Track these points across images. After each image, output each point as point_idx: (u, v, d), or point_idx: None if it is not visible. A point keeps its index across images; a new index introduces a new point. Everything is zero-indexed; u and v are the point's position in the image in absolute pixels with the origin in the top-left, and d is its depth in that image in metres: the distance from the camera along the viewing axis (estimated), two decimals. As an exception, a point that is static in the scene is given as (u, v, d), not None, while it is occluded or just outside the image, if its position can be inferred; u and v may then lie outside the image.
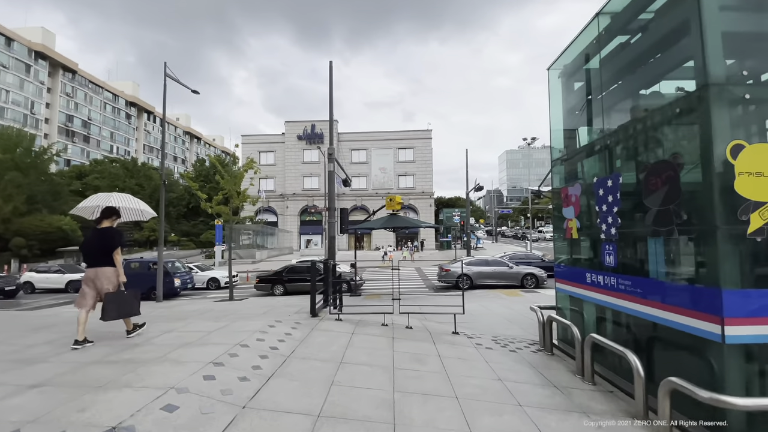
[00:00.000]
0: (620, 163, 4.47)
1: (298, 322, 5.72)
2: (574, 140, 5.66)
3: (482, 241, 47.91)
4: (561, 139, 5.92)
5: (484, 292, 13.84)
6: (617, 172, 4.35)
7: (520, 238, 68.54)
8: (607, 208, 4.48)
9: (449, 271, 16.11)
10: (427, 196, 48.06)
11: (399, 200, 11.98)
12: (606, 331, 4.74)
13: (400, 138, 49.44)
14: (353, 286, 14.89)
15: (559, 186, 5.93)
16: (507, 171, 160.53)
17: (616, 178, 4.33)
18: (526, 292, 13.56)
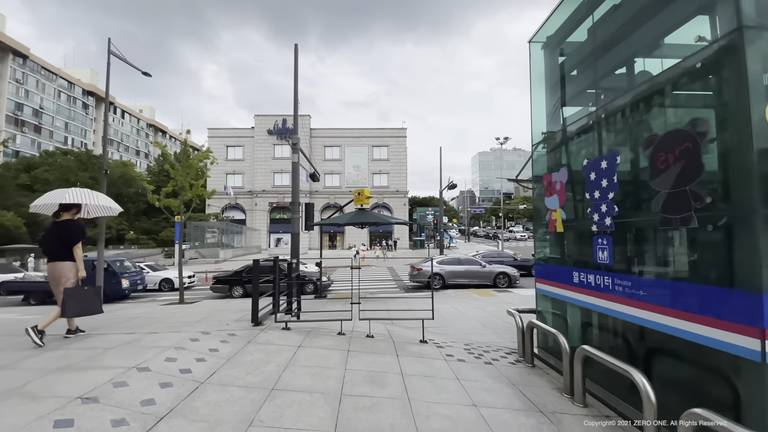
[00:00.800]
0: (616, 141, 3.76)
1: (232, 334, 4.70)
2: (559, 120, 4.94)
3: (455, 241, 47.82)
4: (543, 120, 5.19)
5: (457, 292, 13.18)
6: (614, 150, 3.63)
7: (491, 237, 69.31)
8: (600, 194, 3.76)
9: (421, 270, 15.37)
10: (401, 195, 47.42)
11: (368, 195, 11.09)
12: (596, 340, 4.02)
13: (375, 136, 48.58)
14: (319, 287, 13.88)
15: (540, 173, 5.20)
16: (479, 172, 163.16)
17: (613, 157, 3.61)
18: (499, 292, 12.99)
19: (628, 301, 3.36)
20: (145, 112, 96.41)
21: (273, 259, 6.34)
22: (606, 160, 3.70)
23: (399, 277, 19.41)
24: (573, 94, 4.71)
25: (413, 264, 16.16)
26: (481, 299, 11.39)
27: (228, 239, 40.25)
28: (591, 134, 4.11)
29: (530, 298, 11.41)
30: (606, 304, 3.68)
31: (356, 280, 18.16)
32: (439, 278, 15.19)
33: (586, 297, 4.01)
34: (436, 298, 12.03)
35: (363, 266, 25.56)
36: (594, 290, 3.86)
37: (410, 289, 15.53)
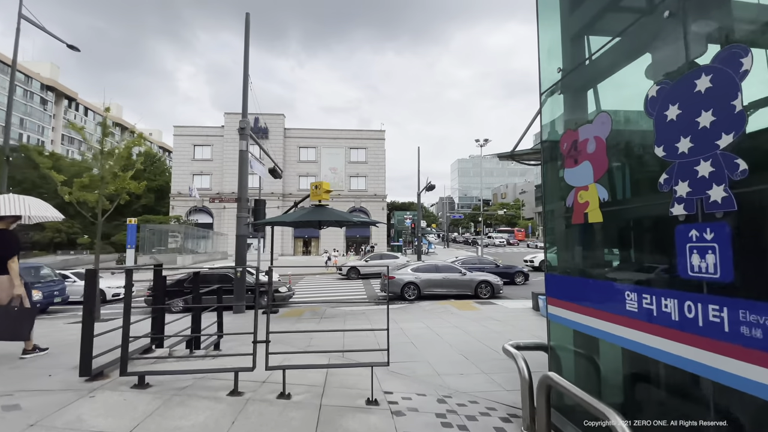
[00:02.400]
0: (738, 33, 1.92)
1: (14, 405, 2.59)
2: (584, 47, 3.12)
3: (434, 246, 46.24)
4: (558, 50, 3.37)
5: (433, 304, 11.29)
6: (735, 48, 1.79)
7: (470, 243, 68.31)
8: (697, 143, 1.92)
9: (393, 278, 13.47)
10: (379, 199, 45.58)
11: (327, 188, 9.11)
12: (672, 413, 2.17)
13: (353, 137, 46.70)
14: (268, 300, 11.76)
15: (555, 136, 3.37)
16: (459, 179, 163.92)
17: (732, 62, 1.77)
18: (481, 304, 11.18)
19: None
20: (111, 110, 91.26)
21: (156, 266, 4.25)
22: (711, 73, 1.86)
23: (372, 284, 17.42)
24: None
25: (384, 272, 14.22)
26: (460, 314, 9.53)
27: (193, 245, 37.29)
28: (666, 31, 2.26)
29: (521, 314, 9.30)
30: (712, 360, 1.82)
31: (323, 290, 16.02)
32: (413, 288, 13.34)
33: (656, 340, 2.15)
34: (406, 313, 10.05)
35: (336, 270, 23.45)
36: (678, 329, 2.01)
37: (381, 299, 13.55)
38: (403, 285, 13.32)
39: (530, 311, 9.99)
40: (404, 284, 13.33)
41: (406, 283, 13.34)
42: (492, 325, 7.97)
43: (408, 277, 13.53)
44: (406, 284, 13.33)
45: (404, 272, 13.82)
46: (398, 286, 13.35)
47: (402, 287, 13.31)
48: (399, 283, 13.40)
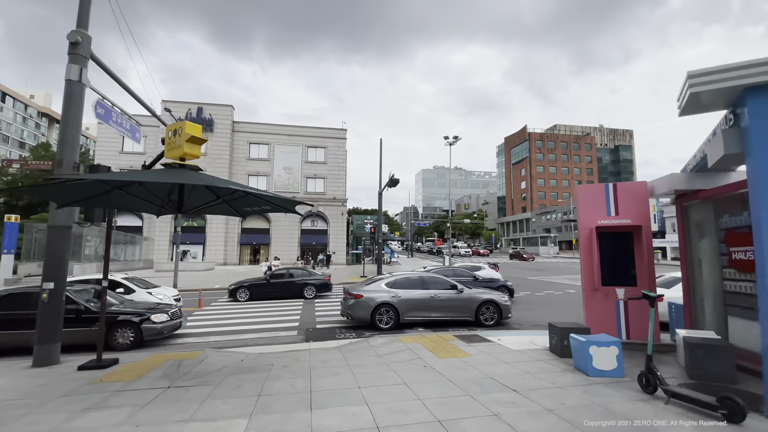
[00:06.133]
0: None
1: None
2: None
3: (397, 255, 42.46)
4: None
5: (398, 342, 7.30)
6: None
7: (435, 253, 65.52)
8: None
9: (361, 297, 9.44)
10: (338, 203, 41.30)
11: (195, 132, 4.91)
12: None
13: (311, 135, 42.30)
14: (140, 333, 7.40)
15: None
16: (423, 189, 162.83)
17: None
18: (467, 343, 7.33)
19: None
20: (38, 98, 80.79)
21: None
22: None
23: (315, 304, 13.18)
24: None
25: (348, 288, 10.11)
26: (436, 369, 5.60)
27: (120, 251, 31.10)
28: None
29: (537, 367, 4.20)
30: None
31: (239, 314, 11.60)
32: (389, 311, 9.37)
33: None
34: (338, 370, 5.02)
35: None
36: None
37: (341, 331, 9.33)
38: (374, 307, 9.28)
39: (547, 355, 6.27)
40: (376, 306, 9.29)
41: (378, 304, 9.29)
42: (503, 408, 4.10)
43: (381, 296, 9.45)
44: (379, 306, 9.30)
45: (376, 289, 9.70)
46: (367, 310, 9.29)
47: (373, 311, 9.27)
48: (368, 304, 9.32)
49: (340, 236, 40.59)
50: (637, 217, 7.10)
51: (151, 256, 35.60)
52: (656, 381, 4.19)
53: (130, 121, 9.38)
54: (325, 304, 13.49)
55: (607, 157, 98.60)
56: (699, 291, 6.56)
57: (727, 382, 4.60)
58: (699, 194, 6.42)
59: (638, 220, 7.08)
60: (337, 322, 10.17)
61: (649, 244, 7.08)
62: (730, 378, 4.61)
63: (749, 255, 5.25)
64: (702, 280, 6.50)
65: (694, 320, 6.57)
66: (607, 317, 6.99)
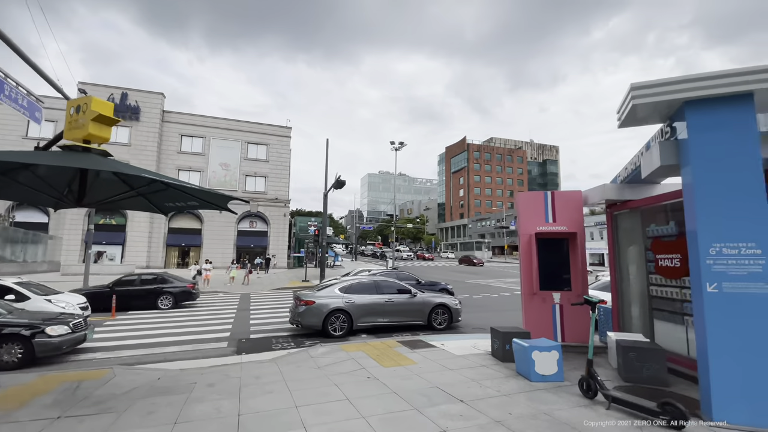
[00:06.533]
0: None
1: None
2: None
3: (341, 258, 41.77)
4: None
5: (340, 350, 6.84)
6: None
7: (379, 257, 65.80)
8: None
9: (313, 304, 8.89)
10: (280, 204, 39.59)
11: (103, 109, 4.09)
12: None
13: (252, 131, 40.12)
14: (32, 348, 6.18)
15: None
16: (368, 193, 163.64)
17: None
18: (411, 349, 7.11)
19: None
20: None
21: None
22: None
23: (250, 311, 12.20)
24: None
25: (299, 295, 9.41)
26: (380, 380, 5.26)
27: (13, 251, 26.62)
28: None
29: (482, 372, 3.92)
30: None
31: (164, 324, 10.51)
32: (342, 317, 8.96)
33: None
34: (268, 386, 4.47)
35: (206, 291, 17.37)
36: None
37: (284, 340, 8.55)
38: (326, 314, 8.80)
39: (489, 360, 6.23)
40: (328, 313, 8.82)
41: (331, 310, 8.85)
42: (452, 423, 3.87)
43: (335, 301, 9.02)
44: (332, 313, 8.85)
45: (329, 294, 9.23)
46: (319, 316, 8.77)
47: (325, 317, 8.77)
48: (321, 311, 8.81)
49: (282, 238, 38.92)
50: (573, 224, 7.41)
51: (58, 258, 31.21)
52: (597, 386, 4.24)
53: (29, 98, 7.93)
54: (261, 312, 12.56)
55: (536, 169, 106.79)
56: (627, 295, 6.98)
57: (660, 384, 4.83)
58: (628, 204, 6.84)
59: (574, 227, 7.38)
60: (275, 331, 9.43)
61: (583, 250, 7.42)
62: (662, 380, 4.85)
63: (675, 262, 5.63)
64: (630, 285, 6.92)
65: (622, 323, 6.96)
66: (544, 321, 7.18)
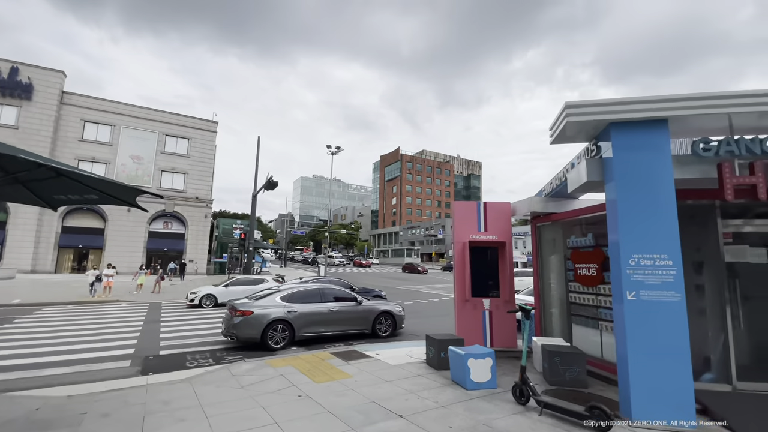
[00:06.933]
0: None
1: None
2: None
3: (269, 264, 39.72)
4: None
5: (275, 372, 6.25)
6: None
7: (310, 263, 64.12)
8: None
9: (251, 314, 8.09)
10: (202, 204, 36.48)
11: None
12: None
13: (172, 122, 36.55)
14: None
15: None
16: (301, 197, 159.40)
17: None
18: (345, 362, 6.78)
19: None
20: None
21: None
22: None
23: (160, 323, 10.78)
24: None
25: (234, 304, 8.55)
26: (311, 397, 4.87)
27: None
28: None
29: (418, 383, 3.72)
30: None
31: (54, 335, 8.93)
32: (283, 328, 8.33)
33: None
34: (188, 413, 3.78)
35: (107, 300, 15.09)
36: None
37: (173, 359, 7.49)
38: (266, 325, 8.10)
39: (425, 368, 6.16)
40: (268, 323, 8.13)
41: (271, 321, 8.18)
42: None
43: (275, 311, 8.37)
44: (272, 323, 8.18)
45: (269, 303, 8.55)
46: (258, 327, 8.04)
47: (264, 329, 8.07)
48: (260, 321, 8.08)
49: (202, 242, 35.83)
50: (503, 234, 7.75)
51: None
52: (530, 392, 4.34)
53: None
54: (174, 324, 11.21)
55: (461, 183, 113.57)
56: (548, 301, 7.45)
57: (580, 386, 5.13)
58: (551, 217, 7.34)
59: (503, 237, 7.72)
60: (192, 345, 8.40)
61: (511, 258, 7.79)
62: (583, 382, 5.16)
63: (591, 271, 6.11)
64: (551, 292, 7.41)
65: (544, 327, 7.41)
66: (475, 327, 7.36)
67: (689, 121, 4.35)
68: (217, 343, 8.54)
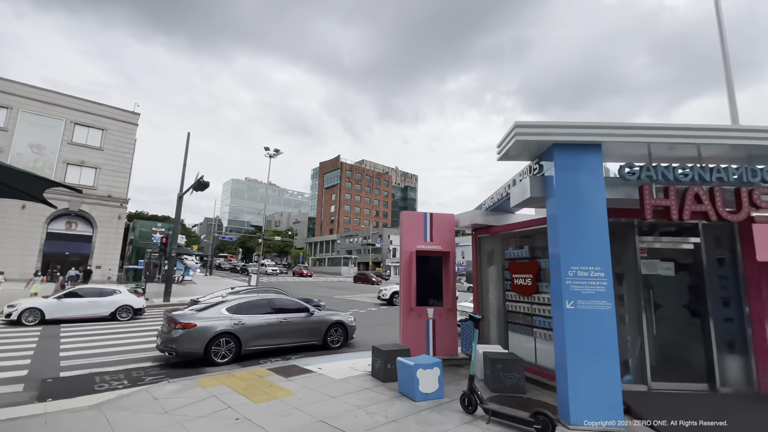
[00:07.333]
0: None
1: None
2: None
3: (192, 272, 36.55)
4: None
5: (206, 393, 5.61)
6: None
7: (239, 271, 60.54)
8: None
9: (193, 327, 7.36)
10: (115, 203, 32.60)
11: None
12: None
13: (83, 110, 32.35)
14: None
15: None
16: (231, 200, 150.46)
17: None
18: (285, 378, 6.38)
19: None
20: None
21: None
22: None
23: (60, 338, 9.20)
24: None
25: (173, 316, 7.66)
26: (261, 428, 4.47)
27: None
28: None
29: (366, 398, 3.84)
30: None
31: None
32: (229, 341, 7.72)
33: None
34: None
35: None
36: None
37: (78, 382, 6.38)
38: (210, 338, 7.45)
39: (371, 381, 6.02)
40: (213, 336, 7.47)
41: (217, 334, 7.53)
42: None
43: (221, 323, 7.77)
44: (218, 337, 7.54)
45: (214, 315, 7.89)
46: (201, 341, 7.34)
47: (208, 342, 7.39)
48: (203, 335, 7.39)
49: (113, 246, 31.91)
50: (447, 244, 7.96)
51: None
52: (477, 401, 4.42)
53: None
54: (78, 340, 9.71)
55: (399, 194, 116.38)
56: (487, 309, 7.78)
57: (519, 392, 5.37)
58: (491, 229, 7.73)
59: (447, 247, 7.93)
60: (100, 365, 7.29)
61: (454, 268, 8.03)
62: (522, 388, 5.41)
63: (527, 281, 6.50)
64: (489, 300, 7.75)
65: (482, 335, 7.70)
66: (419, 335, 7.41)
67: (617, 147, 4.85)
68: (133, 361, 7.52)
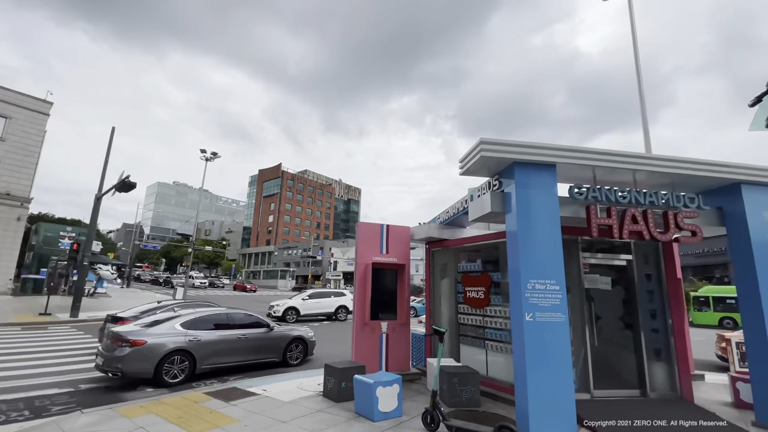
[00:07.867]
0: None
1: None
2: None
3: (107, 284, 32.45)
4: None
5: (132, 424, 4.82)
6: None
7: (162, 283, 55.38)
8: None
9: (143, 344, 6.64)
10: (14, 203, 28.08)
11: None
12: None
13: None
14: None
15: None
16: (155, 205, 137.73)
17: None
18: (226, 403, 5.77)
19: None
20: None
21: None
22: None
23: None
24: None
25: (119, 331, 6.85)
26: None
27: None
28: None
29: (319, 422, 3.63)
30: None
31: None
32: (183, 359, 7.12)
33: None
34: None
35: None
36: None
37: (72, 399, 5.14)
38: (162, 356, 6.86)
39: (323, 402, 5.66)
40: (165, 354, 6.91)
41: (169, 351, 6.86)
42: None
43: (175, 340, 7.18)
44: (170, 354, 6.87)
45: (167, 331, 7.29)
46: (151, 360, 6.68)
47: (159, 361, 6.82)
48: (154, 353, 6.74)
49: (9, 251, 27.31)
50: (402, 256, 7.94)
51: None
52: (440, 417, 4.34)
53: None
54: None
55: (341, 206, 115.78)
56: (439, 322, 7.84)
57: (474, 405, 5.40)
58: (444, 243, 7.87)
59: (402, 260, 7.91)
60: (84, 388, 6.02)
61: (408, 281, 8.01)
62: (477, 402, 5.45)
63: (479, 294, 6.67)
64: (442, 313, 7.82)
65: (433, 348, 7.72)
66: (372, 351, 7.21)
67: (568, 169, 5.22)
68: (36, 388, 6.31)
